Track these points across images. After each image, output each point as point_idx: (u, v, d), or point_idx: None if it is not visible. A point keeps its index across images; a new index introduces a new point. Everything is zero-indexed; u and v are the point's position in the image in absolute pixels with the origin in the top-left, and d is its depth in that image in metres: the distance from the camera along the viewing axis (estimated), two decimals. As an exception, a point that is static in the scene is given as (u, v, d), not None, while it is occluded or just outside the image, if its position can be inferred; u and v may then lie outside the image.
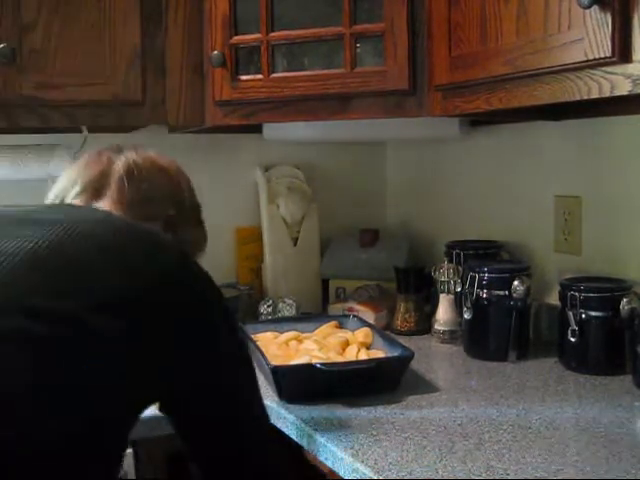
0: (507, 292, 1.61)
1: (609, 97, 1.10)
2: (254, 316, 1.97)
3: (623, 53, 1.05)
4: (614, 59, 1.06)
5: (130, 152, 1.12)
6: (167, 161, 1.16)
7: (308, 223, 2.18)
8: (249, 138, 2.12)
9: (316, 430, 1.25)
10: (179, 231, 1.10)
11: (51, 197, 1.11)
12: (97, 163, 1.10)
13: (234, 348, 1.02)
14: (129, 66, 1.65)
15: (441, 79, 1.44)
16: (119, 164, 1.09)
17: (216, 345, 0.97)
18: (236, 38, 1.64)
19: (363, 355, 1.50)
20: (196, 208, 1.18)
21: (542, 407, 1.34)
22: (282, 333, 1.64)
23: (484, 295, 1.64)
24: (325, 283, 2.14)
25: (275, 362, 1.42)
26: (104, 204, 1.06)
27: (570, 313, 1.52)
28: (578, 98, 1.15)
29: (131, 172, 1.09)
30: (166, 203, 1.11)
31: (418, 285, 1.90)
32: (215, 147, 2.15)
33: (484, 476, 1.07)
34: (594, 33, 1.07)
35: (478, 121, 1.89)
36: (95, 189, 1.07)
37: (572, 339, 1.52)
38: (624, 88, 1.07)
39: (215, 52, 1.64)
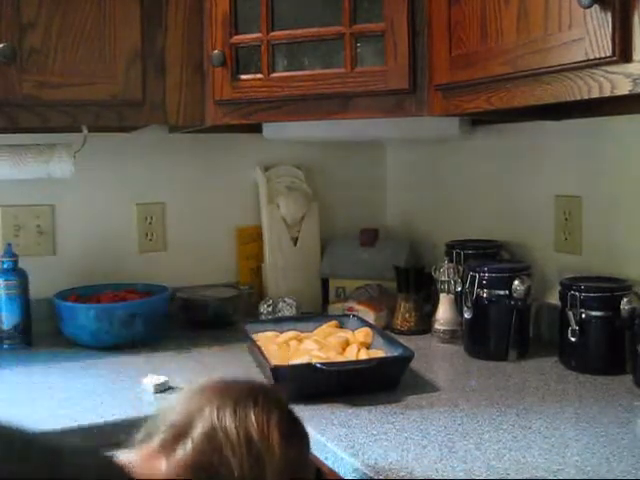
0: (507, 292, 1.61)
1: (609, 97, 1.10)
2: (254, 316, 1.97)
3: (623, 53, 1.05)
4: (614, 59, 1.06)
5: (231, 402, 0.91)
6: (264, 430, 0.90)
7: (308, 223, 2.18)
8: (249, 138, 2.12)
9: (316, 430, 1.25)
10: None
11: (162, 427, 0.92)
12: (189, 403, 0.93)
13: None
14: (129, 66, 1.64)
15: (441, 78, 1.44)
16: (208, 415, 0.89)
17: None
18: (236, 37, 1.63)
19: (363, 355, 1.50)
20: None
21: (542, 407, 1.34)
22: (282, 333, 1.64)
23: (484, 295, 1.64)
24: (325, 283, 2.14)
25: (275, 362, 1.42)
26: (177, 454, 0.88)
27: (570, 313, 1.52)
28: (578, 98, 1.15)
29: (214, 433, 0.89)
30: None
31: (418, 285, 1.90)
32: (215, 147, 2.15)
33: (484, 476, 1.07)
34: (594, 33, 1.07)
35: (478, 121, 1.89)
36: (174, 436, 0.89)
37: (572, 339, 1.52)
38: (624, 88, 1.06)
39: (215, 51, 1.64)
